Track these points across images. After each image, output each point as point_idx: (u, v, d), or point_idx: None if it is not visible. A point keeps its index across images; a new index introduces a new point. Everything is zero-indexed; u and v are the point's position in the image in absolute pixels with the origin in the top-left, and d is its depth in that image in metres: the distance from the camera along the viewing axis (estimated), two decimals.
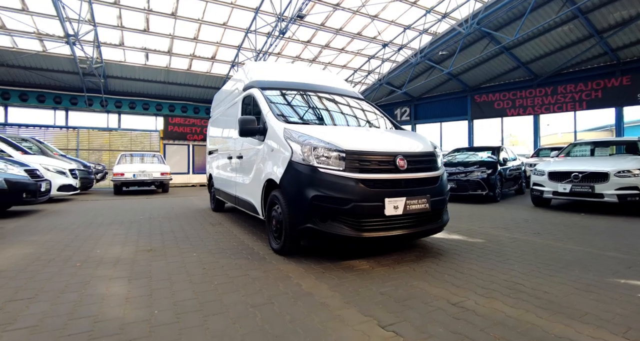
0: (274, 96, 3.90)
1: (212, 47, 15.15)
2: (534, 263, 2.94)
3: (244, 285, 2.46)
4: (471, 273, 2.67)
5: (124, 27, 12.93)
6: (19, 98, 15.24)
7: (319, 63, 16.78)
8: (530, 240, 3.86)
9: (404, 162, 2.97)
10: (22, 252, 3.44)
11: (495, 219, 5.40)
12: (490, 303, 2.08)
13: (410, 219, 2.94)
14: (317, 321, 1.89)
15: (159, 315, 1.98)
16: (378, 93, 18.36)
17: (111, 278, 2.65)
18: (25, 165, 6.63)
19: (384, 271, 2.75)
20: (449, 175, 7.89)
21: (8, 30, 12.40)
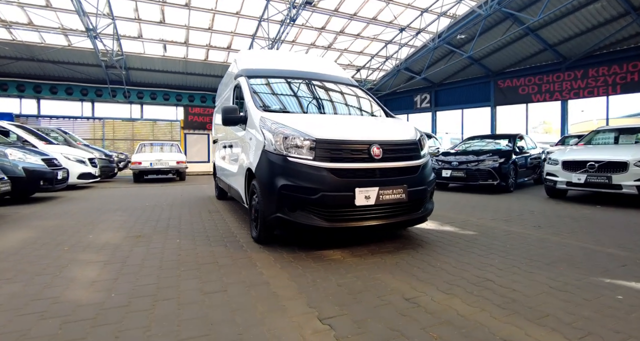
0: (259, 84, 3.86)
1: (227, 37, 15.23)
2: (519, 258, 2.78)
3: (208, 272, 2.50)
4: (443, 267, 2.56)
5: (141, 19, 13.22)
6: (50, 91, 16.09)
7: (334, 50, 16.50)
8: (526, 234, 3.66)
9: (380, 150, 2.87)
10: (24, 236, 3.66)
11: (499, 210, 5.16)
12: (448, 300, 1.99)
13: (384, 210, 2.85)
14: (259, 310, 1.88)
15: (113, 299, 2.05)
16: (397, 80, 17.87)
17: (89, 262, 2.77)
18: (44, 154, 7.02)
19: (354, 262, 2.70)
20: (459, 163, 7.61)
21: (35, 26, 13.01)
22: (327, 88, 4.14)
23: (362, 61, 17.86)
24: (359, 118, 3.60)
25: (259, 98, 3.57)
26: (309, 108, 3.65)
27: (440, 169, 7.88)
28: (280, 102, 3.71)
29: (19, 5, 11.73)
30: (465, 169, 7.45)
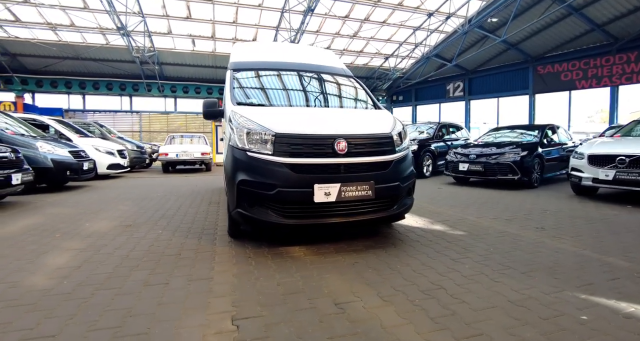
0: (243, 78, 3.84)
1: (252, 30, 15.40)
2: (494, 264, 2.54)
3: (164, 264, 2.55)
4: (402, 271, 2.41)
5: (169, 16, 13.72)
6: (93, 87, 17.33)
7: (360, 38, 16.09)
8: (521, 236, 3.35)
9: (345, 145, 2.74)
10: (31, 222, 3.98)
11: (509, 208, 4.78)
12: (380, 308, 1.85)
13: (347, 207, 2.73)
14: (184, 306, 1.89)
15: (62, 286, 2.16)
16: (427, 67, 17.09)
17: (68, 249, 2.95)
18: (72, 146, 7.58)
19: (312, 260, 2.63)
20: (477, 156, 7.13)
21: (77, 27, 13.99)
22: (314, 79, 4.03)
23: (390, 49, 17.27)
24: (333, 111, 3.45)
25: (239, 92, 3.55)
26: (287, 101, 3.57)
27: (457, 162, 7.45)
28: (259, 95, 3.66)
29: (61, 9, 12.65)
30: (483, 163, 6.98)
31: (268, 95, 3.67)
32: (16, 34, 14.27)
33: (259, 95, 3.63)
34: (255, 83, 3.83)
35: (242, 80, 3.81)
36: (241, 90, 3.62)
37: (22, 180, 5.07)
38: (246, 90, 3.65)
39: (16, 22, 13.41)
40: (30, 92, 17.25)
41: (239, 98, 3.44)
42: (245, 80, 3.81)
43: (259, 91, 3.73)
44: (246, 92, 3.63)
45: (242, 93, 3.55)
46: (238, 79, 3.78)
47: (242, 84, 3.73)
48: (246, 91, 3.64)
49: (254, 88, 3.76)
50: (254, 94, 3.64)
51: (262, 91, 3.74)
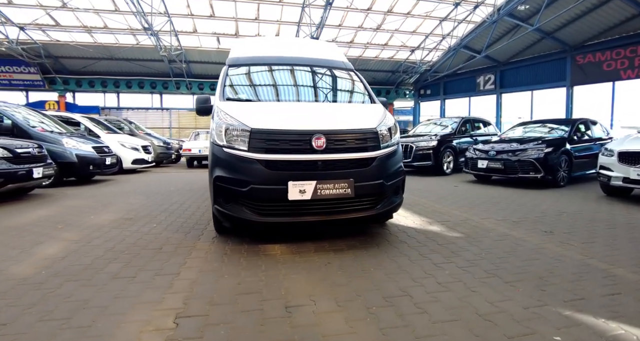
0: (236, 73, 3.81)
1: (274, 26, 15.46)
2: (479, 271, 2.33)
3: (141, 258, 2.59)
4: (374, 274, 2.27)
5: (193, 14, 14.08)
6: (126, 86, 18.23)
7: (384, 31, 15.67)
8: (523, 240, 3.08)
9: (323, 141, 2.63)
10: (43, 213, 4.23)
11: (522, 209, 4.45)
12: (331, 314, 1.73)
13: (324, 205, 2.63)
14: (136, 301, 1.89)
15: (39, 276, 2.24)
16: (455, 60, 16.33)
17: (63, 240, 3.08)
18: (97, 142, 8.01)
19: (286, 259, 2.56)
20: (497, 153, 6.71)
21: (110, 28, 14.72)
22: (308, 73, 3.93)
23: (416, 41, 16.67)
24: (318, 106, 3.34)
25: (229, 88, 3.53)
26: (275, 96, 3.50)
27: (476, 159, 7.05)
28: (248, 90, 3.63)
29: (95, 12, 13.36)
30: (503, 160, 6.55)
31: (257, 90, 3.63)
32: (57, 38, 15.28)
33: (247, 91, 3.60)
34: (247, 78, 3.80)
35: (235, 76, 3.78)
36: (231, 86, 3.60)
37: (43, 173, 5.40)
38: (236, 86, 3.63)
39: (56, 26, 14.34)
40: (71, 92, 18.45)
41: (227, 94, 3.42)
42: (237, 76, 3.78)
43: (249, 87, 3.70)
44: (236, 88, 3.60)
45: (231, 89, 3.53)
46: (230, 75, 3.76)
47: (234, 80, 3.71)
48: (236, 87, 3.61)
49: (244, 84, 3.73)
50: (243, 90, 3.61)
51: (251, 87, 3.70)
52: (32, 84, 17.49)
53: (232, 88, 3.55)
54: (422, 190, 6.22)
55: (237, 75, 3.79)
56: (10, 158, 4.93)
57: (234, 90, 3.52)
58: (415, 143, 9.00)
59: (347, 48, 17.53)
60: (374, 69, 19.61)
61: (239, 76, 3.79)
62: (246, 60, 4.03)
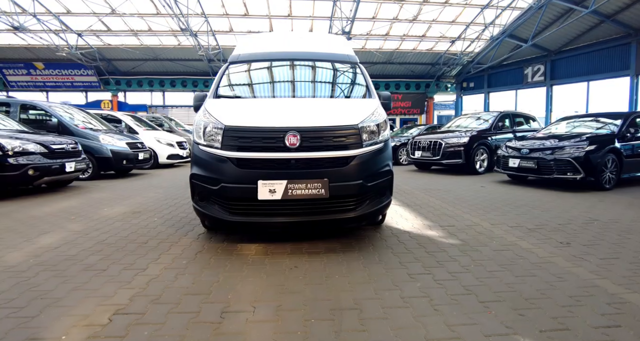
0: (233, 71, 3.81)
1: (306, 22, 15.45)
2: (455, 287, 2.05)
3: (122, 251, 2.68)
4: (335, 283, 2.11)
5: (229, 14, 14.49)
6: (170, 85, 19.34)
7: (420, 22, 14.97)
8: (530, 252, 2.73)
9: (297, 138, 2.52)
10: (66, 205, 4.58)
11: (544, 215, 3.98)
12: (266, 323, 1.63)
13: (295, 206, 2.52)
14: (90, 294, 1.94)
15: (24, 264, 2.40)
16: (500, 50, 15.19)
17: (68, 231, 3.30)
18: (132, 138, 8.55)
19: (255, 260, 2.50)
20: (530, 151, 6.09)
21: (153, 31, 15.65)
22: (304, 68, 3.82)
23: (456, 31, 15.73)
24: (301, 101, 3.20)
25: (223, 85, 3.54)
26: (264, 93, 3.45)
27: (507, 158, 6.47)
28: (239, 88, 3.61)
29: (140, 16, 14.27)
30: (537, 158, 5.93)
31: (248, 87, 3.59)
32: (109, 42, 16.58)
33: (239, 88, 3.58)
34: (242, 76, 3.78)
35: (232, 74, 3.78)
36: (226, 84, 3.60)
37: (75, 167, 5.86)
38: (229, 84, 3.62)
39: (108, 31, 15.56)
40: (122, 91, 19.98)
41: (219, 92, 3.43)
42: (234, 74, 3.78)
43: (241, 84, 3.67)
44: (229, 85, 3.60)
45: (224, 87, 3.53)
46: (228, 72, 3.76)
47: (230, 78, 3.71)
48: (229, 85, 3.60)
49: (238, 81, 3.71)
50: (235, 87, 3.59)
51: (244, 84, 3.67)
52: (90, 85, 19.21)
53: (225, 86, 3.54)
54: (441, 190, 5.85)
55: (234, 73, 3.78)
56: (46, 154, 5.40)
57: (226, 88, 3.52)
58: (445, 140, 8.49)
59: (382, 41, 17.05)
60: (412, 61, 18.88)
61: (236, 74, 3.78)
62: (246, 57, 4.01)
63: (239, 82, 3.72)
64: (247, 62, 3.92)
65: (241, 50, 4.19)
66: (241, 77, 3.77)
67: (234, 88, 3.57)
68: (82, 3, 13.38)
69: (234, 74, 3.78)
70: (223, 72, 3.72)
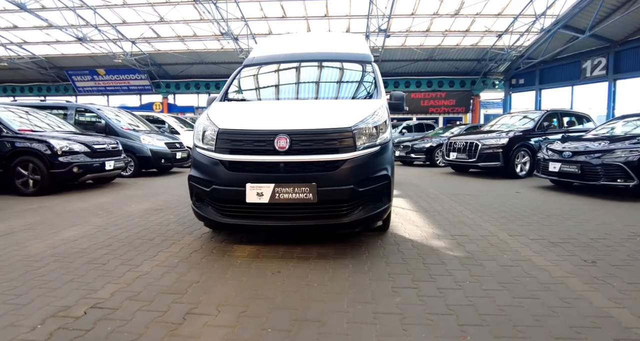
0: (246, 75, 3.88)
1: (344, 21, 15.36)
2: (438, 306, 1.88)
3: (128, 247, 2.84)
4: (308, 293, 2.04)
5: (267, 17, 14.85)
6: (215, 87, 20.29)
7: (463, 16, 14.20)
8: (542, 269, 2.44)
9: (286, 141, 2.49)
10: (101, 201, 4.99)
11: (576, 228, 3.56)
12: (216, 329, 1.62)
13: (283, 210, 2.50)
14: (80, 287, 2.07)
15: (41, 254, 2.64)
16: (553, 43, 13.93)
17: (91, 225, 3.57)
18: (171, 138, 9.10)
19: (242, 263, 2.51)
20: (573, 154, 5.50)
21: (198, 36, 16.52)
22: (316, 68, 3.79)
23: (503, 24, 14.67)
24: (298, 104, 3.15)
25: (233, 89, 3.63)
26: (271, 95, 3.46)
27: (547, 161, 5.91)
28: (246, 91, 3.67)
29: (185, 22, 15.14)
30: (581, 162, 5.33)
31: (254, 90, 3.64)
32: (158, 48, 17.80)
33: (245, 91, 3.64)
34: (251, 79, 3.84)
35: (243, 77, 3.86)
36: (235, 86, 3.69)
37: (114, 166, 6.35)
38: (238, 87, 3.70)
39: (158, 38, 16.71)
40: (172, 94, 21.36)
41: (227, 95, 3.52)
42: (244, 77, 3.85)
43: (249, 86, 3.73)
44: (238, 88, 3.67)
45: (233, 90, 3.61)
46: (240, 76, 3.85)
47: (240, 81, 3.79)
48: (238, 88, 3.68)
49: (246, 84, 3.79)
50: (243, 90, 3.66)
51: (251, 86, 3.73)
52: (144, 88, 20.78)
53: (234, 89, 3.63)
54: (470, 195, 5.49)
55: (245, 76, 3.86)
56: (88, 153, 5.92)
57: (235, 91, 3.60)
58: (481, 141, 7.98)
59: (423, 37, 16.44)
60: (455, 58, 17.98)
61: (246, 77, 3.86)
62: (260, 59, 4.07)
63: (247, 84, 3.78)
64: (260, 64, 3.97)
65: (256, 53, 4.27)
66: (250, 80, 3.83)
67: (241, 91, 3.63)
68: (135, 13, 14.51)
69: (245, 77, 3.85)
70: (235, 75, 3.81)
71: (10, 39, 16.93)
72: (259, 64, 3.98)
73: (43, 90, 21.95)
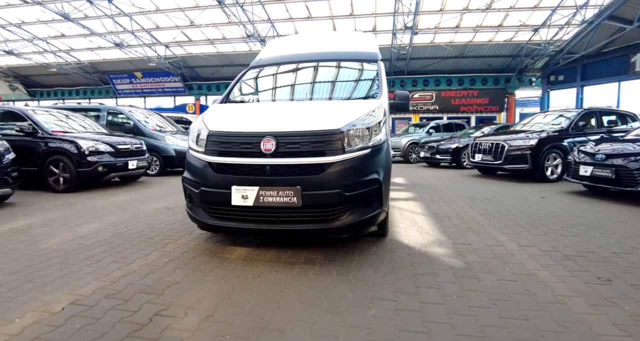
0: (250, 77, 3.91)
1: (369, 20, 15.15)
2: (414, 322, 1.77)
3: (127, 244, 2.95)
4: (280, 300, 2.00)
5: (292, 18, 14.96)
6: None
7: (495, 10, 13.48)
8: (544, 286, 2.24)
9: (272, 144, 2.46)
10: (120, 199, 5.25)
11: (597, 240, 3.25)
12: (179, 333, 1.63)
13: (267, 214, 2.47)
14: (68, 281, 2.17)
15: (48, 249, 2.80)
16: (596, 36, 12.89)
17: (103, 222, 3.75)
18: None
19: (227, 265, 2.52)
20: (607, 156, 5.03)
21: (227, 39, 16.96)
22: (317, 69, 3.74)
23: (540, 18, 13.77)
24: (290, 105, 3.10)
25: (235, 91, 3.67)
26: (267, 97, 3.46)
27: (578, 164, 5.45)
28: (244, 93, 3.69)
29: (214, 26, 15.60)
30: (615, 166, 4.86)
31: (253, 92, 3.65)
32: (190, 51, 18.49)
33: (245, 93, 3.65)
34: (252, 80, 3.85)
35: (246, 79, 3.89)
36: (237, 88, 3.72)
37: (137, 165, 6.66)
38: (239, 88, 3.72)
39: (189, 41, 17.36)
40: (204, 95, 22.11)
41: (229, 97, 3.56)
42: (248, 79, 3.88)
43: (249, 88, 3.74)
44: (239, 90, 3.70)
45: (234, 92, 3.65)
46: (243, 78, 3.88)
47: (242, 83, 3.82)
48: (238, 90, 3.71)
49: (246, 86, 3.81)
50: (243, 92, 3.68)
51: (251, 88, 3.74)
52: (177, 91, 21.69)
53: (236, 91, 3.66)
54: (490, 199, 5.19)
55: (248, 78, 3.89)
56: (113, 153, 6.25)
57: (236, 93, 3.64)
58: (508, 142, 7.53)
59: (453, 34, 15.83)
60: (487, 54, 17.15)
61: (249, 79, 3.88)
62: (265, 61, 4.09)
63: (248, 86, 3.81)
64: (265, 66, 3.99)
65: (263, 54, 4.29)
66: (252, 82, 3.85)
67: (242, 93, 3.66)
68: (167, 18, 15.16)
69: (248, 79, 3.88)
70: (239, 77, 3.85)
71: (59, 47, 18.30)
72: (264, 66, 4.00)
73: (88, 93, 23.54)
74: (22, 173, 5.96)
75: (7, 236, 3.25)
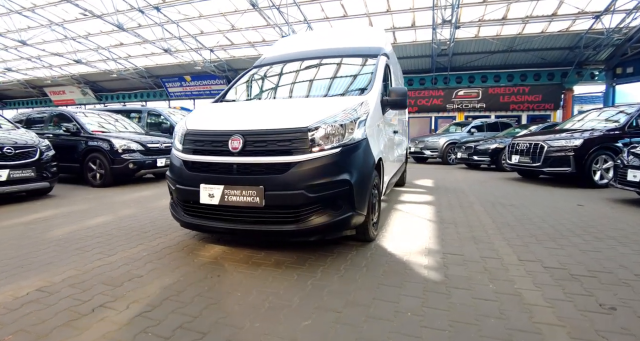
0: (250, 76, 3.96)
1: (408, 15, 14.62)
2: (346, 338, 1.70)
3: (121, 237, 3.14)
4: (222, 305, 1.99)
5: (328, 18, 14.92)
6: None
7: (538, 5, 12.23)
8: (526, 309, 1.98)
9: (239, 142, 2.45)
10: (140, 195, 5.61)
11: (619, 258, 2.79)
12: (108, 325, 1.68)
13: (232, 213, 2.46)
14: (48, 268, 2.35)
15: (54, 239, 3.07)
16: None
17: (115, 216, 4.04)
18: None
19: (198, 263, 2.56)
20: None
21: (266, 41, 17.41)
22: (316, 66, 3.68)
23: (601, 4, 12.23)
24: (274, 102, 3.06)
25: (231, 90, 3.74)
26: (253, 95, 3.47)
27: (626, 168, 4.76)
28: (240, 92, 3.73)
29: (254, 29, 16.10)
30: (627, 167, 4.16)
31: (245, 91, 3.68)
32: (233, 54, 19.29)
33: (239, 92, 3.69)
34: (249, 80, 3.89)
35: (245, 79, 3.94)
36: (234, 87, 3.78)
37: (165, 163, 7.08)
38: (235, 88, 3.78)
39: (231, 45, 18.12)
40: None
41: (226, 96, 3.63)
42: (246, 79, 3.92)
43: (242, 88, 3.78)
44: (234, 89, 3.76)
45: (230, 91, 3.71)
46: (243, 77, 3.94)
47: (239, 82, 3.87)
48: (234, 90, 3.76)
49: (242, 85, 3.84)
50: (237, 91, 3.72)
51: (245, 87, 3.77)
52: None
53: (231, 90, 3.73)
54: (514, 206, 4.72)
55: (248, 78, 3.94)
56: (143, 151, 6.71)
57: (231, 92, 3.71)
58: (548, 142, 6.81)
59: (499, 26, 14.71)
60: (540, 47, 15.68)
61: (249, 79, 3.93)
62: (268, 60, 4.12)
63: (243, 86, 3.84)
64: (267, 65, 4.02)
65: (267, 53, 4.32)
66: (249, 81, 3.89)
67: (236, 93, 3.71)
68: (210, 23, 15.95)
69: (247, 79, 3.92)
70: (240, 77, 3.92)
71: (119, 54, 20.14)
72: (266, 65, 4.02)
73: (144, 96, 25.62)
74: (68, 168, 6.66)
75: (28, 224, 3.62)
